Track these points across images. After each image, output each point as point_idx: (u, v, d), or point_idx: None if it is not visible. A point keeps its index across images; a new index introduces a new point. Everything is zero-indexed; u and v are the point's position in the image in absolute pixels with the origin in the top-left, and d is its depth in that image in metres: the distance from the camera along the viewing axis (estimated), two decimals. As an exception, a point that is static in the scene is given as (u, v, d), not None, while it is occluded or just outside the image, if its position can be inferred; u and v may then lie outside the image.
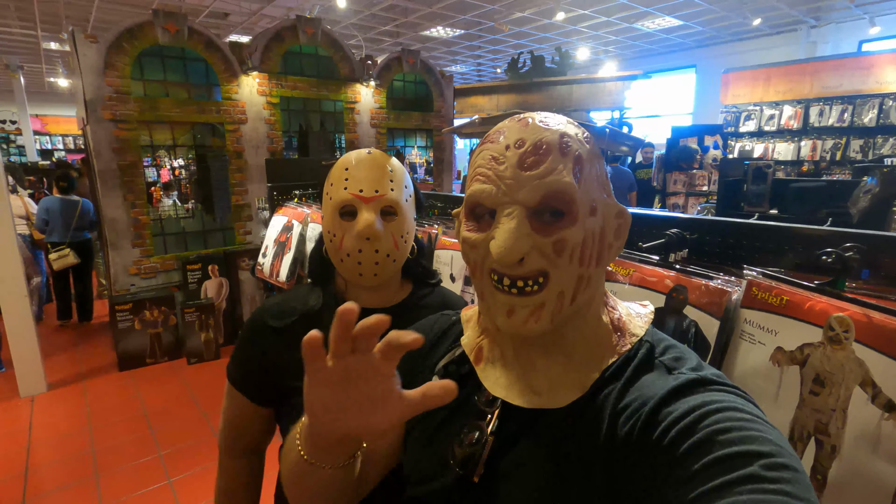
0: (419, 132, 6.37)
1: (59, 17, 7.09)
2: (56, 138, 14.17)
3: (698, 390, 0.45)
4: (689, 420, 0.41)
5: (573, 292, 0.50)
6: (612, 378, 0.51)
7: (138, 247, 4.20)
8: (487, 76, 12.97)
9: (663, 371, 0.50)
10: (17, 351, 3.43)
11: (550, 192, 0.48)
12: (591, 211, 0.50)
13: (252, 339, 0.94)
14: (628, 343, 0.54)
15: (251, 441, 1.00)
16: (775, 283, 0.83)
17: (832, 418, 0.73)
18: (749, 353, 0.85)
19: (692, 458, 0.39)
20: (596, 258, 0.51)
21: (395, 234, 0.89)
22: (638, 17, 7.76)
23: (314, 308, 0.93)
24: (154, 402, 3.42)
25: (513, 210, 0.48)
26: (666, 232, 1.04)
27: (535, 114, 0.52)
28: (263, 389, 0.94)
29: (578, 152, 0.50)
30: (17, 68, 10.52)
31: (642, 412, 0.45)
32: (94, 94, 3.85)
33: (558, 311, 0.50)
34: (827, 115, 6.84)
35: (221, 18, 7.64)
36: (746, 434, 0.39)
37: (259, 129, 4.70)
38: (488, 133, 0.53)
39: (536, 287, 0.49)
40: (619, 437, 0.46)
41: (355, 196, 0.87)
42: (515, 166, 0.48)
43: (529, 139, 0.49)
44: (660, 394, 0.45)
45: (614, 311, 0.57)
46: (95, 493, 2.48)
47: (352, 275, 0.90)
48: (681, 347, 0.54)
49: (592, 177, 0.51)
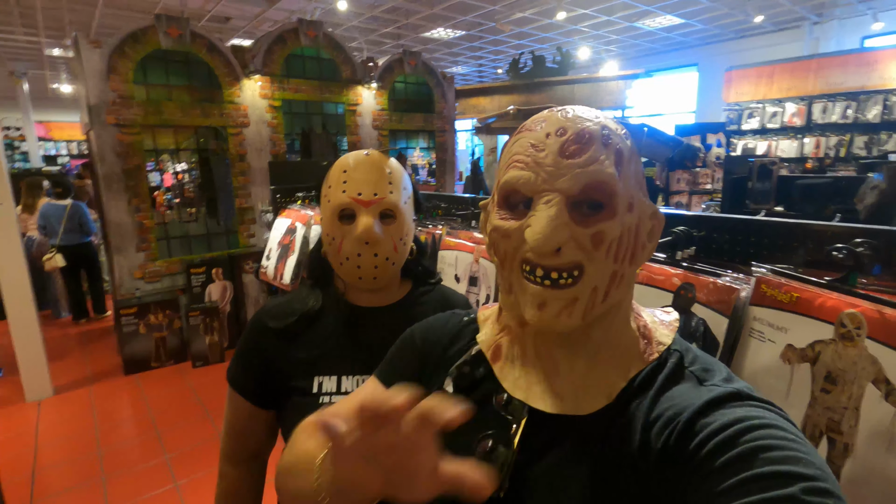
0: (421, 133, 6.36)
1: (62, 24, 7.12)
2: (60, 144, 14.22)
3: (736, 404, 0.44)
4: (729, 433, 0.40)
5: (606, 289, 0.48)
6: (641, 388, 0.50)
7: (143, 251, 4.21)
8: (489, 77, 12.96)
9: (695, 382, 0.48)
10: (23, 356, 3.44)
11: (592, 181, 0.46)
12: (629, 207, 0.49)
13: (252, 341, 0.94)
14: (655, 352, 0.52)
15: (253, 446, 0.99)
16: (785, 279, 0.83)
17: (844, 416, 0.73)
18: (759, 351, 0.85)
19: (730, 471, 0.38)
20: (630, 255, 0.50)
21: (394, 237, 0.89)
22: (639, 15, 7.74)
23: (314, 308, 0.93)
24: (160, 406, 3.42)
25: (552, 198, 0.46)
26: (673, 230, 1.03)
27: (574, 107, 0.51)
28: (265, 391, 0.93)
29: (619, 146, 0.49)
30: (22, 75, 10.58)
31: (678, 422, 0.44)
32: (97, 98, 3.87)
33: (591, 307, 0.48)
34: (830, 111, 6.81)
35: (223, 22, 7.66)
36: (790, 454, 0.37)
37: (262, 132, 4.71)
38: (525, 122, 0.52)
39: (571, 280, 0.47)
40: (653, 449, 0.45)
41: (354, 199, 0.86)
42: (557, 154, 0.47)
43: (571, 128, 0.48)
44: (696, 405, 0.44)
45: (640, 318, 0.55)
46: (102, 497, 2.49)
47: (351, 278, 0.90)
48: (709, 358, 0.52)
49: (631, 173, 0.50)
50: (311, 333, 0.92)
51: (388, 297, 0.97)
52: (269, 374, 0.91)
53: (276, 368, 0.91)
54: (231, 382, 0.95)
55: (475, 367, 0.58)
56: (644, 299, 1.02)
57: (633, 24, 8.20)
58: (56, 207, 4.88)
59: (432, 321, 0.69)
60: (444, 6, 7.04)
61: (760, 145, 7.44)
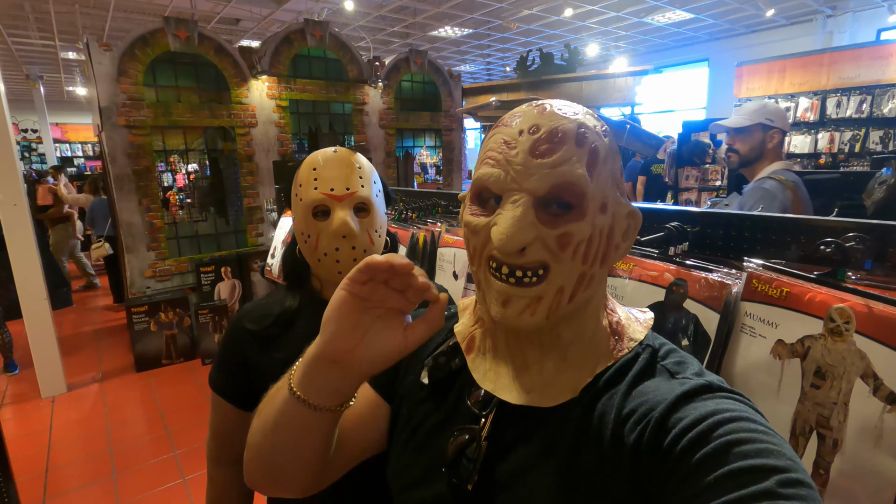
0: (428, 132, 6.37)
1: (76, 28, 7.25)
2: (75, 146, 14.49)
3: (707, 397, 0.44)
4: (702, 428, 0.40)
5: (573, 289, 0.48)
6: (611, 383, 0.50)
7: (153, 250, 4.28)
8: (497, 75, 12.93)
9: (667, 376, 0.49)
10: (38, 353, 3.52)
11: (560, 182, 0.46)
12: (602, 208, 0.48)
13: (232, 345, 0.95)
14: (626, 348, 0.52)
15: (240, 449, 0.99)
16: (775, 274, 0.82)
17: (834, 412, 0.72)
18: (750, 347, 0.84)
19: (705, 468, 0.38)
20: (601, 257, 0.49)
21: (370, 230, 0.90)
22: (648, 11, 7.66)
23: (291, 308, 0.94)
24: (169, 402, 3.48)
25: (519, 198, 0.46)
26: (666, 225, 1.03)
27: (553, 101, 0.50)
28: (247, 394, 0.92)
29: (595, 145, 0.48)
30: (37, 78, 10.79)
31: (651, 418, 0.44)
32: (108, 101, 3.93)
33: (556, 307, 0.48)
34: (845, 106, 6.68)
35: (233, 24, 7.74)
36: (761, 447, 0.38)
37: (269, 132, 4.75)
38: (503, 117, 0.51)
39: (535, 279, 0.47)
40: (626, 445, 0.45)
41: (327, 195, 0.87)
42: (527, 153, 0.46)
43: (545, 126, 0.47)
44: (668, 399, 0.44)
45: (613, 315, 0.55)
46: (112, 490, 2.54)
47: (330, 274, 0.90)
48: (681, 352, 0.52)
49: (606, 172, 0.49)
50: (291, 333, 0.92)
51: None
52: (250, 376, 0.91)
53: (257, 370, 0.90)
54: (214, 387, 0.96)
55: (451, 358, 0.59)
56: (637, 295, 1.01)
57: (642, 20, 8.13)
58: (102, 203, 5.63)
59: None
60: (451, 4, 7.03)
61: (772, 141, 7.32)
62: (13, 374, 3.96)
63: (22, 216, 3.35)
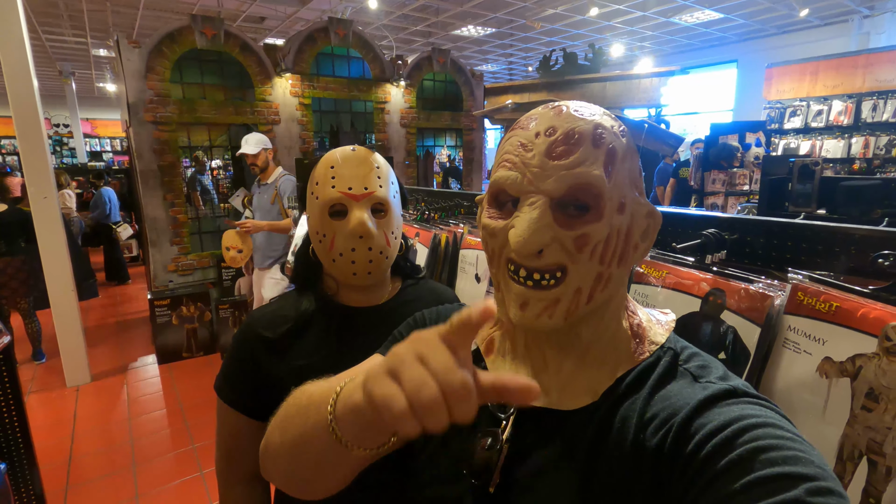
0: (449, 132, 6.35)
1: (107, 25, 7.43)
2: (105, 141, 14.90)
3: (731, 402, 0.43)
4: (727, 434, 0.39)
5: (591, 290, 0.48)
6: (632, 387, 0.49)
7: (176, 245, 4.35)
8: (519, 75, 12.84)
9: (689, 379, 0.47)
10: (64, 343, 3.60)
11: (577, 184, 0.45)
12: (620, 208, 0.48)
13: (244, 354, 0.89)
14: (647, 351, 0.51)
15: (252, 464, 0.90)
16: (824, 287, 0.77)
17: (888, 437, 0.67)
18: (793, 363, 0.79)
19: (731, 476, 0.37)
20: (619, 258, 0.49)
21: (387, 231, 0.87)
22: (676, 10, 7.51)
23: (308, 311, 0.90)
24: (189, 396, 3.53)
25: (536, 200, 0.46)
26: (703, 232, 0.98)
27: (570, 102, 0.50)
28: (260, 402, 0.85)
29: (612, 145, 0.47)
30: (70, 74, 11.10)
31: (673, 423, 0.43)
32: (136, 97, 4.01)
33: (574, 308, 0.48)
34: (881, 109, 6.44)
35: (258, 22, 7.83)
36: (790, 454, 0.36)
37: (292, 129, 4.79)
38: (520, 119, 0.51)
39: (553, 281, 0.47)
40: (648, 449, 0.44)
41: (344, 194, 0.84)
42: (543, 154, 0.46)
43: (561, 128, 0.47)
44: (691, 404, 0.43)
45: (634, 317, 0.54)
46: (132, 482, 2.57)
47: (345, 275, 0.87)
48: (704, 355, 0.51)
49: (624, 173, 0.48)
50: (305, 338, 0.89)
51: (380, 295, 0.95)
52: (264, 387, 0.86)
53: (271, 378, 0.86)
54: (223, 397, 0.89)
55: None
56: (670, 304, 0.97)
57: (669, 20, 7.97)
58: (108, 191, 6.72)
59: (441, 310, 0.69)
60: (474, 3, 6.99)
61: (803, 145, 7.11)
62: (40, 362, 4.07)
63: (52, 209, 3.43)
